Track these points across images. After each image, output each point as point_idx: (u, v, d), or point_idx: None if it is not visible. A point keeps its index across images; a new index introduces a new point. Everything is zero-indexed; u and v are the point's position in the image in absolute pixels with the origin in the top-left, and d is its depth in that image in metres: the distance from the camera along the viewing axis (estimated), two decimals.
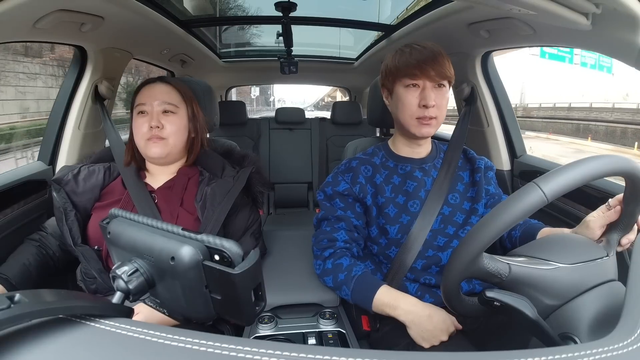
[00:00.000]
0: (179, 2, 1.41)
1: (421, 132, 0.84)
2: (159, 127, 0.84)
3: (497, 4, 0.70)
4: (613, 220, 0.61)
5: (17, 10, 0.75)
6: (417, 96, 0.82)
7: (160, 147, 0.85)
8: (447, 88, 0.84)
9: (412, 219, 0.85)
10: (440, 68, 0.80)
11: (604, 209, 0.62)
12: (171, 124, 0.86)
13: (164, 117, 0.86)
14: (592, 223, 0.62)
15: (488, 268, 0.51)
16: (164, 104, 0.87)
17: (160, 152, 0.86)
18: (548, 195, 0.46)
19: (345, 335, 0.77)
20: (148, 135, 0.85)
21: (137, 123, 0.86)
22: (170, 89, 0.89)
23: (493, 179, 0.94)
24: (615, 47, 0.75)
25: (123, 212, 0.49)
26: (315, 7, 1.62)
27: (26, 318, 0.29)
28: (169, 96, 0.88)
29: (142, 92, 0.88)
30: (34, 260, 0.85)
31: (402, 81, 0.83)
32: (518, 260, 0.53)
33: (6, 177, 0.99)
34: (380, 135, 1.28)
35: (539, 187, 0.46)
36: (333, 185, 0.89)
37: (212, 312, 0.43)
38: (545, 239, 0.61)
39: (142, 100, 0.86)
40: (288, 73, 2.02)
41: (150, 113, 0.86)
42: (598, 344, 0.29)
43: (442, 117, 0.85)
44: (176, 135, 0.87)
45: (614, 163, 0.49)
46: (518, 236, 0.85)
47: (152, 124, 0.84)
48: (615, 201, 0.61)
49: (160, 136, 0.85)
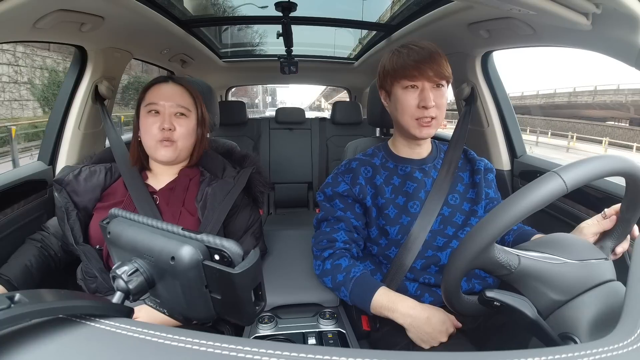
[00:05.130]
0: (179, 2, 1.40)
1: (421, 134, 0.84)
2: (171, 129, 0.83)
3: (497, 4, 0.70)
4: (607, 228, 0.62)
5: (17, 10, 0.75)
6: (416, 97, 0.82)
7: (171, 151, 0.85)
8: (445, 88, 0.84)
9: (412, 219, 0.85)
10: (439, 68, 0.80)
11: (599, 217, 0.63)
12: (182, 127, 0.86)
13: (175, 119, 0.85)
14: (586, 230, 0.63)
15: (499, 258, 0.51)
16: (178, 106, 0.86)
17: (170, 156, 0.85)
18: (568, 184, 0.46)
19: (345, 335, 0.77)
20: (159, 136, 0.83)
21: (146, 122, 0.85)
22: (183, 91, 0.88)
23: (493, 182, 0.94)
24: (615, 47, 0.75)
25: (123, 212, 0.49)
26: (315, 7, 1.61)
27: (26, 318, 0.29)
28: (182, 99, 0.87)
29: (154, 90, 0.86)
30: (36, 261, 0.85)
31: (400, 83, 0.83)
32: (528, 254, 0.53)
33: (6, 177, 0.99)
34: (380, 136, 1.28)
35: (560, 176, 0.46)
36: (333, 186, 0.89)
37: (212, 312, 0.43)
38: (551, 236, 0.61)
39: (154, 99, 0.85)
40: (288, 73, 2.02)
41: (162, 114, 0.84)
42: (598, 344, 0.29)
43: (441, 117, 0.84)
44: (186, 138, 0.87)
45: (634, 165, 0.49)
46: (511, 241, 0.85)
47: (164, 125, 0.83)
48: (611, 211, 0.62)
49: (172, 139, 0.84)
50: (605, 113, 16.35)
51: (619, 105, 17.33)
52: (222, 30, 2.13)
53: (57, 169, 1.15)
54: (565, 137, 17.36)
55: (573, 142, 17.28)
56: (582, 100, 18.17)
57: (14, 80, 9.69)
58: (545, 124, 19.40)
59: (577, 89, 18.77)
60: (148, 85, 0.88)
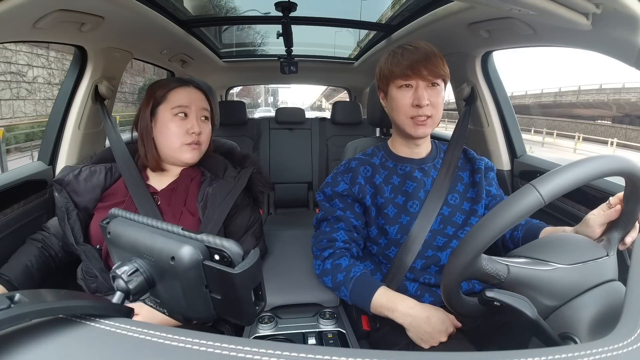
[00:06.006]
0: (179, 2, 1.40)
1: (417, 133, 0.84)
2: (200, 133, 0.87)
3: (497, 4, 0.70)
4: (613, 218, 0.60)
5: (17, 10, 0.75)
6: (410, 96, 0.82)
7: (197, 153, 0.88)
8: (441, 87, 0.84)
9: (411, 219, 0.85)
10: (433, 67, 0.80)
11: (604, 207, 0.62)
12: (206, 129, 0.90)
13: (200, 122, 0.89)
14: (592, 221, 0.62)
15: (487, 269, 0.51)
16: (204, 110, 0.89)
17: (196, 158, 0.89)
18: (545, 197, 0.45)
19: (345, 335, 0.77)
20: (187, 139, 0.86)
21: (173, 124, 0.85)
22: (203, 96, 0.92)
23: (494, 179, 0.94)
24: (615, 47, 0.75)
25: (123, 212, 0.49)
26: (315, 7, 1.61)
27: (26, 318, 0.29)
28: (205, 103, 0.91)
29: (181, 93, 0.87)
30: (36, 261, 0.85)
31: (395, 82, 0.84)
32: (517, 262, 0.53)
33: (6, 177, 0.99)
34: (380, 135, 1.28)
35: (536, 189, 0.46)
36: (332, 185, 0.90)
37: (212, 312, 0.43)
38: (545, 239, 0.61)
39: (184, 102, 0.86)
40: (288, 73, 2.02)
41: (190, 117, 0.87)
42: (598, 344, 0.29)
43: (437, 115, 0.84)
44: (207, 141, 0.91)
45: (613, 163, 0.49)
46: (520, 236, 0.85)
47: (195, 130, 0.86)
48: (615, 199, 0.60)
49: (199, 141, 0.87)
50: (589, 112, 16.86)
51: (601, 104, 18.00)
52: (222, 30, 2.13)
53: (57, 169, 1.15)
54: (551, 134, 18.23)
55: (553, 138, 18.11)
56: (567, 99, 18.80)
57: (48, 81, 10.60)
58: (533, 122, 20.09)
59: (562, 89, 19.51)
60: (169, 87, 0.87)
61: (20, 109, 9.56)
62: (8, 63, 9.26)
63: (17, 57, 9.47)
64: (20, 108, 9.55)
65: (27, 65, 9.79)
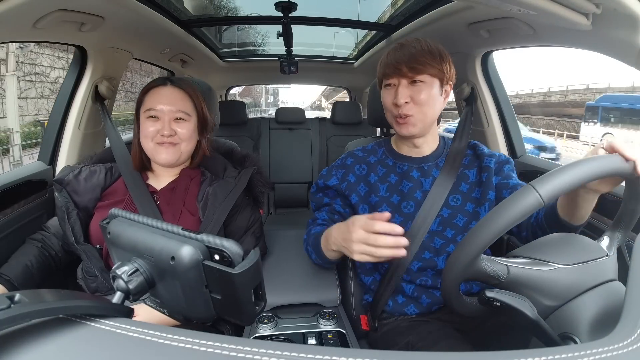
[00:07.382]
0: (179, 2, 1.40)
1: (401, 132, 0.84)
2: (171, 135, 0.83)
3: (497, 4, 0.70)
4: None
5: (17, 10, 0.75)
6: (392, 95, 0.82)
7: (172, 153, 0.84)
8: (427, 84, 0.79)
9: (405, 220, 0.84)
10: (416, 64, 0.77)
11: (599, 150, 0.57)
12: (183, 129, 0.85)
13: (175, 123, 0.84)
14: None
15: (486, 270, 0.51)
16: (177, 111, 0.84)
17: (171, 158, 0.85)
18: (544, 197, 0.45)
19: (345, 335, 0.77)
20: (159, 139, 0.83)
21: (145, 127, 0.84)
22: (182, 94, 0.86)
23: (513, 171, 0.89)
24: (615, 47, 0.75)
25: (123, 212, 0.49)
26: (315, 7, 1.61)
27: (26, 318, 0.29)
28: (182, 103, 0.85)
29: (153, 95, 0.85)
30: (36, 261, 0.85)
31: (382, 82, 0.85)
32: (517, 262, 0.53)
33: (6, 177, 0.99)
34: (380, 136, 1.28)
35: (535, 189, 0.46)
36: (325, 178, 0.92)
37: (212, 312, 0.43)
38: (545, 239, 0.61)
39: (152, 104, 0.83)
40: (288, 73, 2.02)
41: (162, 119, 0.83)
42: (598, 344, 0.29)
43: (421, 114, 0.81)
44: (188, 141, 0.86)
45: (613, 163, 0.49)
46: (542, 216, 0.76)
47: (164, 132, 0.82)
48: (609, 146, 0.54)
49: (173, 142, 0.84)
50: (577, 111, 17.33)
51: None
52: (222, 30, 2.13)
53: (57, 168, 1.15)
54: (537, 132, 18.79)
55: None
56: (556, 99, 19.31)
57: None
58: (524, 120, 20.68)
59: (551, 88, 20.13)
60: (147, 88, 0.87)
61: (44, 106, 10.51)
62: (33, 64, 10.05)
63: (40, 59, 10.31)
64: (44, 105, 10.53)
65: (49, 67, 10.67)
